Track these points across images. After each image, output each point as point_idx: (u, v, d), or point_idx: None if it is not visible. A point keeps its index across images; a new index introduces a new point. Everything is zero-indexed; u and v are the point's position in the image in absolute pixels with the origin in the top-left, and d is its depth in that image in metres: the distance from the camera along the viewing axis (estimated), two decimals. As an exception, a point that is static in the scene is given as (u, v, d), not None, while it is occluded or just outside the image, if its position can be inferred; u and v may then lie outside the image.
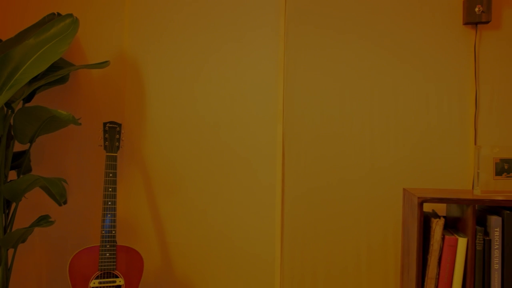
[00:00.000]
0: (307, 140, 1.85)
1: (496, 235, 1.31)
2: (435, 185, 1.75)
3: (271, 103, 1.88)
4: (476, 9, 1.66)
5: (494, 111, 1.71)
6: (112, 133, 1.85)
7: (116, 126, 1.86)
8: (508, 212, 1.31)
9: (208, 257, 1.94)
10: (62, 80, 1.95)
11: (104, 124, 1.85)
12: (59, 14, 1.97)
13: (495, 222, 1.31)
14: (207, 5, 1.95)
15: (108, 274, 1.72)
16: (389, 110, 1.78)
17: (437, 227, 1.33)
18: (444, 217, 1.58)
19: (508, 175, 1.44)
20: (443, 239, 1.34)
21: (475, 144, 1.72)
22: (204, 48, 1.95)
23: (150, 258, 1.99)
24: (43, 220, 1.70)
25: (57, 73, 1.78)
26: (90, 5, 2.04)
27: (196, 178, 1.95)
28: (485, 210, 1.43)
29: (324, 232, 1.84)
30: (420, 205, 1.32)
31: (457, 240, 1.33)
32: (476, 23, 1.70)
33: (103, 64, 1.84)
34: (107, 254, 1.72)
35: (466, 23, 1.71)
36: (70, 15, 1.76)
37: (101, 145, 1.85)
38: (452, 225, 1.50)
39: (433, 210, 1.58)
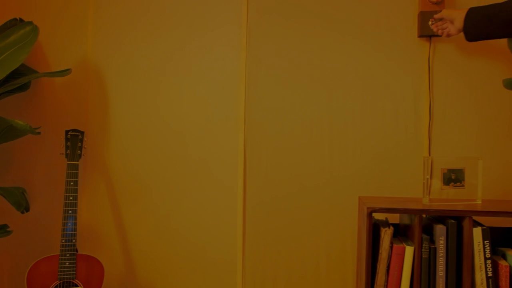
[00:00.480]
0: (268, 148, 1.88)
1: (441, 243, 1.36)
2: (392, 193, 1.80)
3: (233, 111, 1.91)
4: (429, 22, 1.71)
5: (447, 122, 1.77)
6: (74, 141, 1.85)
7: (79, 134, 1.86)
8: (452, 221, 1.36)
9: (172, 262, 1.96)
10: (24, 87, 1.94)
11: (66, 132, 1.85)
12: (21, 20, 1.96)
13: (440, 231, 1.36)
14: (169, 11, 1.97)
15: (67, 283, 1.72)
16: (347, 119, 1.83)
17: (385, 236, 1.38)
18: (396, 225, 1.63)
19: (455, 184, 1.49)
20: (391, 247, 1.38)
21: (429, 154, 1.78)
22: (167, 55, 1.97)
23: (114, 265, 1.99)
24: (1, 230, 1.69)
25: (17, 81, 1.78)
26: (54, 12, 2.04)
27: (160, 185, 1.96)
28: (434, 218, 1.48)
29: (285, 238, 1.87)
30: (369, 214, 1.36)
31: (404, 248, 1.37)
32: (430, 36, 1.75)
33: (64, 72, 1.84)
34: (67, 263, 1.72)
35: (420, 36, 1.76)
36: (30, 23, 1.75)
37: (62, 153, 1.85)
38: (404, 233, 1.55)
39: (386, 218, 1.63)
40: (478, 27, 1.46)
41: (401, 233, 1.58)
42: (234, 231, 1.90)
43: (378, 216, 1.75)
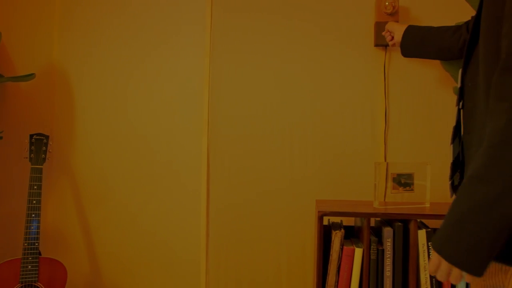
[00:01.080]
0: (231, 152, 1.93)
1: (388, 245, 1.42)
2: (350, 197, 1.86)
3: (197, 115, 1.95)
4: (382, 33, 1.78)
5: (402, 128, 1.84)
6: (39, 145, 1.86)
7: (43, 138, 1.88)
8: (399, 224, 1.43)
9: (138, 263, 1.99)
10: (-13, 92, 1.95)
11: (31, 136, 1.86)
12: (-15, 25, 1.96)
13: (387, 233, 1.42)
14: (136, 14, 2.00)
15: (29, 286, 1.73)
16: (307, 124, 1.88)
17: (336, 238, 1.44)
18: (351, 227, 1.69)
19: (405, 188, 1.56)
20: (341, 249, 1.44)
21: (385, 158, 1.85)
22: (133, 59, 2.00)
23: (79, 267, 2.01)
24: (-38, 234, 1.70)
25: (-21, 86, 1.79)
26: (20, 17, 2.05)
27: (126, 187, 1.99)
28: (385, 221, 1.55)
29: (248, 240, 1.92)
30: (320, 218, 1.42)
31: (354, 250, 1.44)
32: (385, 45, 1.82)
33: (28, 77, 1.86)
34: (29, 266, 1.73)
35: (376, 45, 1.83)
36: (-7, 29, 1.76)
37: (26, 157, 1.87)
38: (357, 235, 1.61)
39: (341, 220, 1.69)
40: (413, 45, 1.55)
41: (355, 235, 1.64)
42: (198, 233, 1.95)
43: (335, 219, 1.81)
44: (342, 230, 1.47)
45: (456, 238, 0.71)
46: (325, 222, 1.69)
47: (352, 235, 1.68)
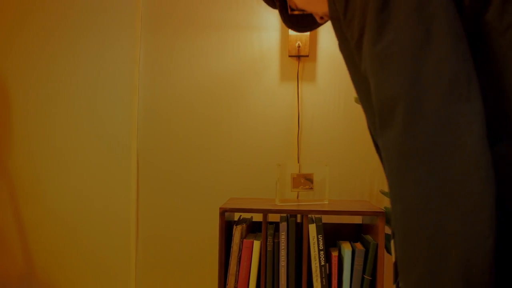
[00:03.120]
0: (159, 154, 2.08)
1: (283, 238, 1.59)
2: (267, 195, 2.03)
3: (126, 121, 2.09)
4: (296, 44, 1.96)
5: (313, 132, 2.02)
6: (-26, 147, 1.97)
7: (-21, 140, 1.99)
8: (292, 219, 1.60)
9: (71, 261, 2.12)
10: None
11: (-34, 138, 1.96)
12: None
13: (282, 228, 1.60)
14: (70, 25, 2.13)
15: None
16: (227, 127, 2.05)
17: (236, 232, 1.60)
18: (257, 223, 1.86)
19: (304, 187, 1.74)
20: (242, 242, 1.61)
21: (298, 160, 2.02)
22: (67, 64, 2.12)
23: (13, 265, 2.13)
24: None
25: None
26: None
27: (59, 188, 2.12)
28: (288, 217, 1.72)
29: (175, 238, 2.07)
30: (222, 214, 1.58)
31: (252, 242, 1.60)
32: (298, 56, 2.00)
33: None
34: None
35: (290, 56, 2.00)
36: None
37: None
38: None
39: (252, 216, 1.86)
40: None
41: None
42: (128, 232, 2.09)
43: (255, 215, 1.96)
44: (244, 225, 1.63)
45: None
46: (248, 217, 1.85)
47: (258, 229, 1.84)
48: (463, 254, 0.52)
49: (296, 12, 0.96)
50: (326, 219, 1.97)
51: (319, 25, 1.02)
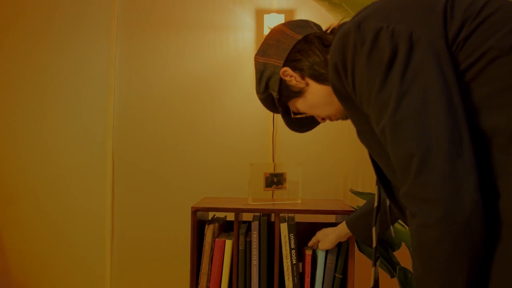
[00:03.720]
0: (135, 154, 2.07)
1: (254, 237, 1.60)
2: (242, 195, 2.03)
3: (102, 120, 2.08)
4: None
5: (288, 132, 2.03)
6: None
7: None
8: (264, 218, 1.61)
9: (46, 260, 2.10)
10: None
11: None
12: None
13: (254, 227, 1.60)
14: (46, 24, 2.11)
15: None
16: (203, 128, 2.05)
17: (208, 231, 1.61)
18: (231, 222, 1.86)
19: (277, 187, 1.75)
20: (214, 241, 1.61)
21: (273, 159, 2.03)
22: (40, 62, 2.11)
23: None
24: None
25: None
26: None
27: (35, 188, 2.10)
28: (258, 216, 1.72)
29: (150, 238, 2.07)
30: (194, 213, 1.58)
31: (224, 242, 1.61)
32: (273, 57, 2.01)
33: None
34: None
35: (265, 56, 2.01)
36: None
37: None
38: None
39: (225, 216, 1.86)
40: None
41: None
42: (103, 231, 2.08)
43: (229, 214, 1.96)
44: (216, 224, 1.64)
45: None
46: (222, 217, 1.85)
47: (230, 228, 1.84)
48: None
49: (299, 116, 1.05)
50: (300, 218, 1.98)
51: (318, 123, 1.13)
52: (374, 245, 1.03)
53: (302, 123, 1.16)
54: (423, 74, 0.68)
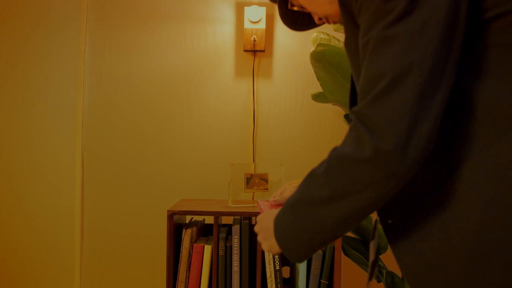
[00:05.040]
0: (105, 151, 1.94)
1: (235, 241, 1.50)
2: (221, 197, 1.93)
3: (71, 116, 1.94)
4: (252, 38, 1.87)
5: (269, 130, 1.94)
6: None
7: None
8: (246, 221, 1.51)
9: (14, 256, 1.95)
10: None
11: None
12: None
13: (235, 231, 1.50)
14: (7, 7, 1.96)
15: None
16: (180, 122, 1.94)
17: (185, 236, 1.50)
18: (210, 225, 1.76)
19: (259, 188, 1.65)
20: (192, 246, 1.50)
21: (253, 159, 1.94)
22: (7, 59, 1.95)
23: None
24: None
25: None
26: None
27: (2, 185, 1.95)
28: (239, 219, 1.63)
29: (121, 240, 1.94)
30: (170, 217, 1.47)
31: (203, 247, 1.50)
32: (254, 51, 1.91)
33: None
34: None
35: (246, 50, 1.91)
36: None
37: None
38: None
39: (204, 219, 1.76)
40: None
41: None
42: (72, 233, 1.94)
43: (208, 217, 1.86)
44: (194, 228, 1.53)
45: (287, 222, 0.76)
46: (200, 220, 1.74)
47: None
48: None
49: (295, 8, 0.95)
50: (282, 220, 1.90)
51: (315, 26, 1.01)
52: (372, 259, 0.93)
53: (298, 21, 1.06)
54: (435, 1, 0.61)
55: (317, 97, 1.80)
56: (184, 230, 1.50)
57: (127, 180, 1.94)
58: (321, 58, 1.58)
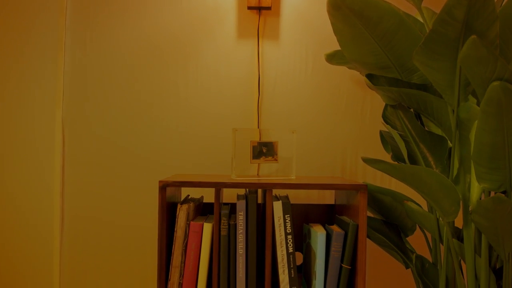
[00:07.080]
0: (91, 124, 1.70)
1: (240, 219, 1.26)
2: (224, 172, 1.70)
3: (50, 81, 1.70)
4: None
5: (276, 97, 1.70)
6: None
7: None
8: (253, 195, 1.27)
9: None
10: None
11: None
12: None
13: (239, 206, 1.26)
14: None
15: None
16: (176, 89, 1.70)
17: (181, 212, 1.25)
18: (209, 204, 1.52)
19: (267, 158, 1.41)
20: (188, 225, 1.26)
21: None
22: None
23: None
24: None
25: None
26: None
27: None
28: (244, 194, 1.39)
29: (108, 225, 1.70)
30: (162, 189, 1.23)
31: (202, 225, 1.26)
32: (259, 8, 1.67)
33: None
34: None
35: (250, 7, 1.67)
36: None
37: None
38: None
39: (202, 196, 1.52)
40: None
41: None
42: (52, 233, 1.69)
43: (207, 195, 1.63)
44: (191, 204, 1.29)
45: None
46: (198, 197, 1.51)
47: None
48: None
49: None
50: (291, 199, 1.67)
51: None
52: None
53: None
54: None
55: (332, 57, 1.57)
56: (179, 205, 1.26)
57: (115, 154, 1.69)
58: (340, 4, 1.34)
